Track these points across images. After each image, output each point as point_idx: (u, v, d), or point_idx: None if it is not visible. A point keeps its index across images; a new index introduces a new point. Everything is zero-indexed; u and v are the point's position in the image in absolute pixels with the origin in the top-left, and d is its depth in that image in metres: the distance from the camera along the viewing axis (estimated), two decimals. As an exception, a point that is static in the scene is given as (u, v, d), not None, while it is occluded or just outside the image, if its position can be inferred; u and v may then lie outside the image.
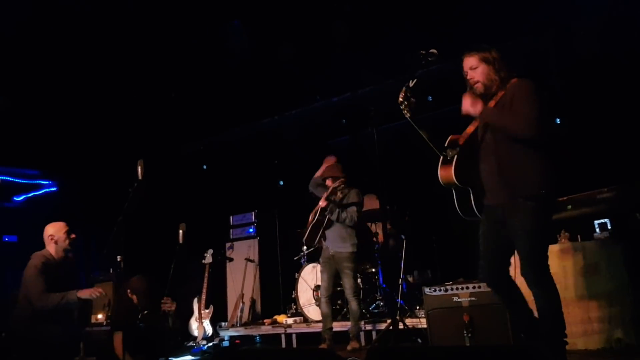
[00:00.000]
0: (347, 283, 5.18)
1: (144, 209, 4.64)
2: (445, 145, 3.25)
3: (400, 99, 3.23)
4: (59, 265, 4.47)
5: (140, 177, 4.25)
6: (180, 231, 4.45)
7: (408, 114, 3.27)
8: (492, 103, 3.11)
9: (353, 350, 4.97)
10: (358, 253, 5.26)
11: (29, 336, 4.20)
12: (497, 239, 3.10)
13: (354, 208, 5.26)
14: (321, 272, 5.46)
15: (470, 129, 3.26)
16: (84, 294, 4.28)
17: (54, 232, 4.47)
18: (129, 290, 5.21)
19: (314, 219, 5.36)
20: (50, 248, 4.48)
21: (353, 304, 5.17)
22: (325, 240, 5.34)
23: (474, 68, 3.16)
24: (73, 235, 4.54)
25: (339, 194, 5.29)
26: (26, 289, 4.31)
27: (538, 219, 2.96)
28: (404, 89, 3.25)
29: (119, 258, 5.99)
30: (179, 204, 7.37)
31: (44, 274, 4.28)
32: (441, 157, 3.22)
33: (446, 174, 3.18)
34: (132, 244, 4.51)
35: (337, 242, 5.25)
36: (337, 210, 5.24)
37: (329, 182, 5.38)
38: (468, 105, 3.14)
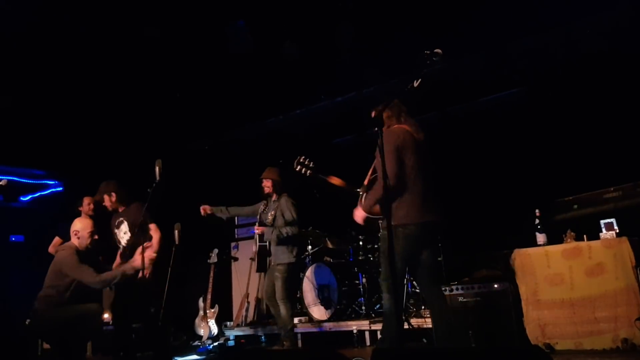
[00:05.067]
0: (278, 285, 5.23)
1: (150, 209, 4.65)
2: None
3: (296, 168, 4.06)
4: (87, 253, 4.61)
5: (158, 178, 4.29)
6: (176, 231, 4.47)
7: (309, 173, 4.06)
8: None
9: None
10: (296, 264, 5.38)
11: (55, 319, 4.33)
12: None
13: (293, 220, 5.37)
14: (267, 277, 5.55)
15: (370, 170, 3.82)
16: (138, 263, 4.40)
17: (80, 229, 4.59)
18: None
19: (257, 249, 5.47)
20: (74, 242, 4.57)
21: (282, 308, 5.22)
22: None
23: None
24: (96, 237, 4.65)
25: (272, 212, 5.40)
26: (58, 276, 4.43)
27: (385, 244, 3.42)
28: (297, 159, 4.08)
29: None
30: (183, 203, 7.38)
31: (83, 260, 4.44)
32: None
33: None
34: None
35: (278, 254, 5.32)
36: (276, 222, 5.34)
37: (265, 182, 5.49)
38: (358, 215, 3.78)
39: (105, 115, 7.01)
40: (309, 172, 4.13)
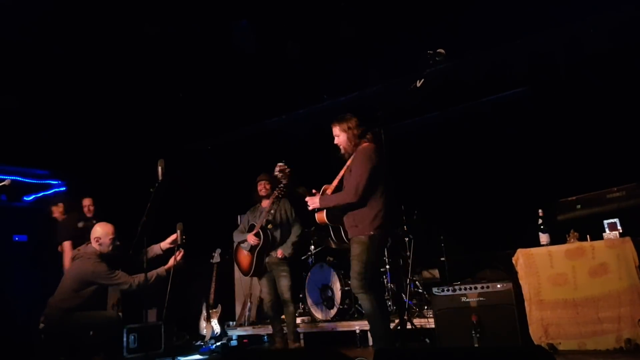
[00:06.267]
0: (284, 285, 5.18)
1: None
2: (320, 193, 4.14)
3: (276, 172, 4.43)
4: (109, 258, 4.58)
5: (160, 178, 4.29)
6: (178, 231, 4.48)
7: (285, 181, 4.55)
8: (348, 163, 4.06)
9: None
10: (290, 257, 5.30)
11: (73, 325, 4.33)
12: None
13: (297, 223, 5.37)
14: (260, 279, 5.42)
15: (335, 181, 4.10)
16: (171, 265, 4.52)
17: (101, 235, 4.53)
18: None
19: (253, 254, 5.26)
20: (95, 247, 4.53)
21: (290, 307, 5.19)
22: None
23: (338, 136, 4.15)
24: (118, 243, 4.61)
25: (271, 211, 5.28)
26: (81, 284, 4.39)
27: (361, 248, 3.86)
28: (278, 165, 4.45)
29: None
30: (186, 203, 7.39)
31: (110, 266, 4.44)
32: None
33: (320, 217, 4.13)
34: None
35: (282, 253, 5.28)
36: (279, 224, 5.30)
37: (264, 184, 5.37)
38: (312, 203, 4.05)
39: (107, 115, 7.02)
40: (285, 180, 4.57)
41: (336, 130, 4.15)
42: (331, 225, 4.14)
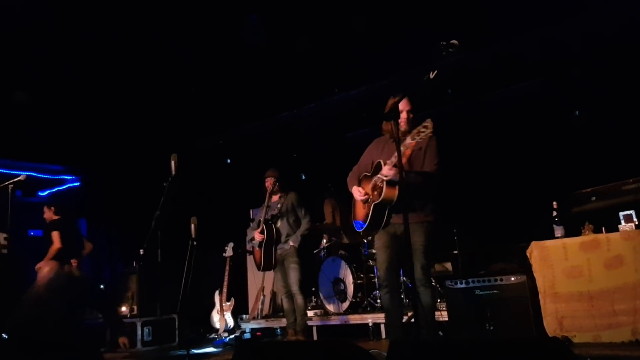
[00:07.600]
0: (293, 277, 5.24)
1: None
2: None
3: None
4: None
5: (173, 172, 4.32)
6: (192, 225, 4.50)
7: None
8: (412, 144, 3.66)
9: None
10: (301, 248, 5.35)
11: None
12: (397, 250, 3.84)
13: (306, 216, 5.42)
14: (275, 272, 5.53)
15: (404, 159, 3.73)
16: None
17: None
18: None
19: (261, 249, 5.38)
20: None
21: (299, 299, 5.23)
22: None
23: (403, 111, 3.84)
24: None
25: (278, 206, 5.45)
26: None
27: (432, 237, 3.77)
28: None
29: (141, 251, 6.09)
30: (199, 198, 7.43)
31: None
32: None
33: (392, 192, 3.70)
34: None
35: (291, 247, 5.33)
36: (285, 218, 5.39)
37: (267, 182, 5.52)
38: (393, 173, 3.66)
39: (121, 111, 7.06)
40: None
41: (407, 105, 3.90)
42: (388, 207, 3.79)
